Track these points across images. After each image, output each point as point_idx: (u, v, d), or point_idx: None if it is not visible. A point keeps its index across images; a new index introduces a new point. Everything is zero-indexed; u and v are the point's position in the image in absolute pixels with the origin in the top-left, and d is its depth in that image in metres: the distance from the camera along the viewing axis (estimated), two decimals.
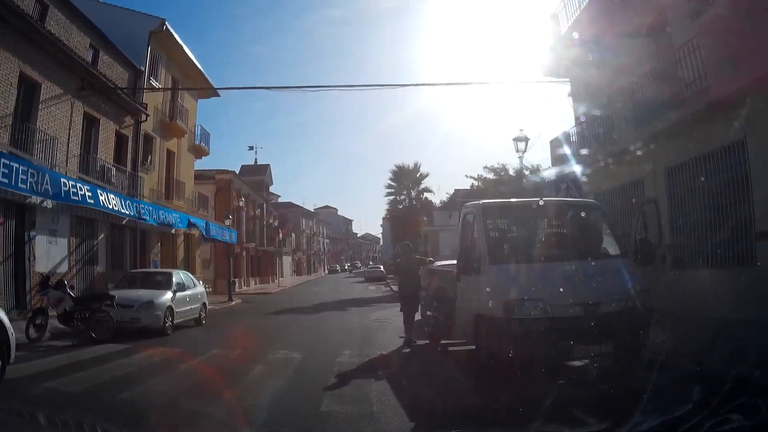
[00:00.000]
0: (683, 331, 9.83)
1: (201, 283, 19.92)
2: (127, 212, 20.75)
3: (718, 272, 12.11)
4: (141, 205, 21.58)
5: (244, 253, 50.21)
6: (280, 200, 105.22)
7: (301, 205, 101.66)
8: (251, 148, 64.17)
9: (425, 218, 43.25)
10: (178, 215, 25.67)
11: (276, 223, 64.50)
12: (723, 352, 7.69)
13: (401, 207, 43.42)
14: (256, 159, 62.85)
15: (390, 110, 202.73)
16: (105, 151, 22.63)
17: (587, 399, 6.58)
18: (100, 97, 22.12)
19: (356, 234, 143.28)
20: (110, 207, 19.06)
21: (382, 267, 61.47)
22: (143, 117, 25.31)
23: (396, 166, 44.33)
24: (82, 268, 20.60)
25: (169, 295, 15.56)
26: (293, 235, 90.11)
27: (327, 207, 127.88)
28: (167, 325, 15.01)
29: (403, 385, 8.40)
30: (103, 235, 22.00)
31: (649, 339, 8.09)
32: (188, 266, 34.18)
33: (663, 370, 6.57)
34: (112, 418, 6.26)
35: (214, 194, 44.31)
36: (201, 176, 43.19)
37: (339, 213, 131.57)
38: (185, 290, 16.83)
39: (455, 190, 45.18)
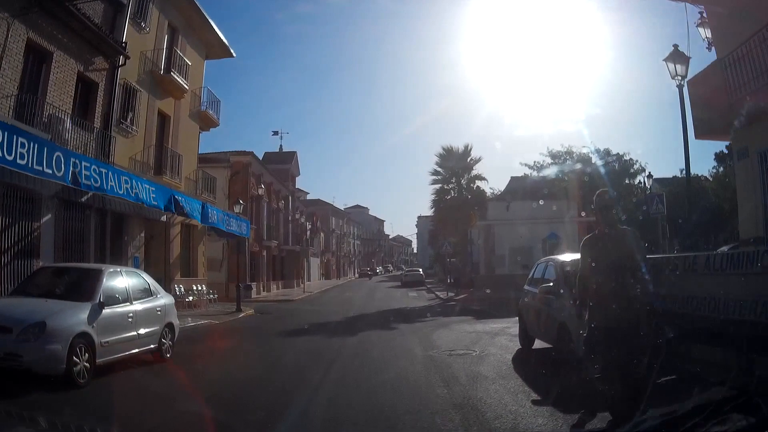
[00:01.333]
0: None
1: (163, 290, 12.04)
2: (50, 171, 12.17)
3: None
4: (80, 163, 13.16)
5: (265, 253, 43.54)
6: (308, 198, 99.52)
7: (331, 202, 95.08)
8: (276, 133, 57.66)
9: (477, 210, 36.02)
10: (151, 187, 17.01)
11: (303, 219, 57.65)
12: None
13: (449, 197, 36.22)
14: (281, 146, 56.51)
15: (426, 103, 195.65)
16: (59, 97, 15.94)
17: None
18: (57, 24, 15.57)
19: (388, 236, 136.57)
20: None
21: (420, 270, 54.28)
22: (121, 60, 18.59)
23: (443, 149, 37.32)
24: (9, 263, 13.84)
25: (84, 312, 8.44)
26: (322, 234, 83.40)
27: (358, 206, 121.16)
28: (78, 368, 7.96)
29: None
30: (49, 215, 15.24)
31: None
32: (188, 267, 27.61)
33: None
34: None
35: (228, 179, 37.69)
36: (213, 159, 37.15)
37: (370, 213, 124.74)
38: (129, 303, 9.70)
39: (512, 178, 38.13)
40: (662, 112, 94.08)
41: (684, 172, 46.74)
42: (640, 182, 39.31)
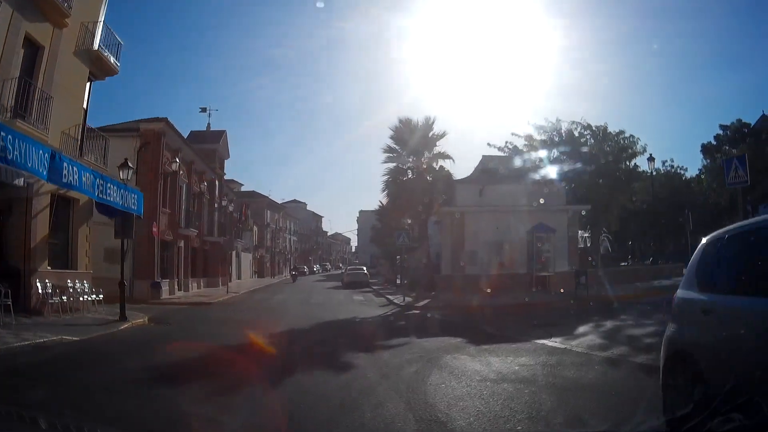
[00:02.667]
0: None
1: None
2: None
3: None
4: None
5: (182, 244, 35.96)
6: (242, 189, 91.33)
7: (267, 195, 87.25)
8: (204, 109, 49.54)
9: (443, 195, 29.52)
10: None
11: (231, 207, 49.97)
12: None
13: (405, 179, 29.40)
14: (209, 124, 48.56)
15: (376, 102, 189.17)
16: None
17: None
18: None
19: (326, 233, 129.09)
20: None
21: (365, 269, 47.39)
22: None
23: (400, 121, 30.06)
24: None
25: None
26: (255, 228, 75.63)
27: (295, 201, 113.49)
28: None
29: None
30: None
31: None
32: (64, 255, 20.19)
33: None
34: None
35: (137, 151, 30.46)
36: (121, 129, 30.03)
37: (308, 208, 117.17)
38: None
39: (484, 156, 31.56)
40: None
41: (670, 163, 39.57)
42: (637, 166, 33.70)
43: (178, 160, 32.43)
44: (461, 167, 56.12)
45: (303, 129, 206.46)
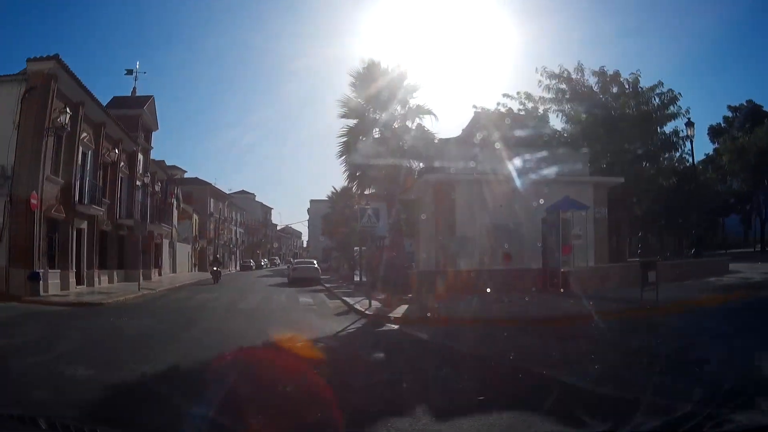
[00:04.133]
0: None
1: None
2: None
3: None
4: None
5: (83, 225, 27.72)
6: (185, 176, 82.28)
7: (212, 183, 78.51)
8: (129, 72, 40.82)
9: (418, 164, 22.21)
10: None
11: (158, 187, 41.48)
12: None
13: (371, 139, 21.68)
14: (135, 88, 40.00)
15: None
16: None
17: None
18: None
19: (276, 225, 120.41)
20: None
21: (315, 263, 39.53)
22: None
23: (362, 66, 22.25)
24: None
25: None
26: (196, 218, 67.04)
27: (243, 192, 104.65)
28: None
29: None
30: None
31: None
32: None
33: None
34: None
35: (21, 99, 22.93)
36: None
37: (257, 199, 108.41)
38: None
39: (476, 112, 24.12)
40: None
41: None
42: (678, 131, 26.30)
43: (68, 111, 24.11)
44: (445, 131, 47.36)
45: (254, 118, 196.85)
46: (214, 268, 37.97)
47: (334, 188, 57.13)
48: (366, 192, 23.33)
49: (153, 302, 22.07)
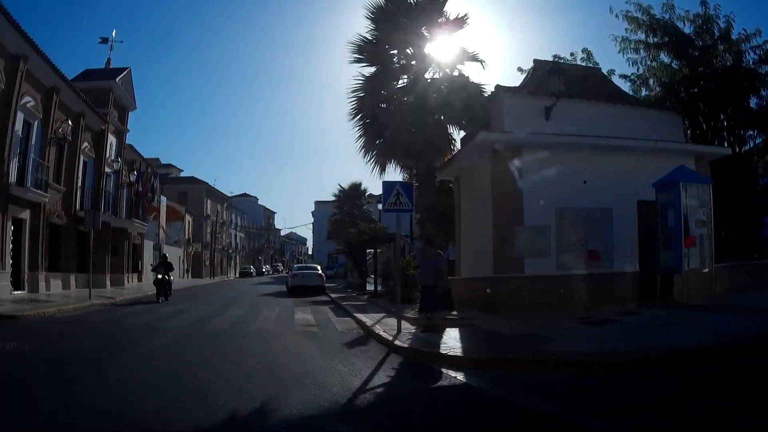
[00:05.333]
0: None
1: None
2: None
3: None
4: None
5: (24, 214, 21.40)
6: (181, 175, 76.07)
7: (210, 184, 72.23)
8: (104, 40, 34.39)
9: (458, 131, 15.80)
10: None
11: (133, 177, 34.94)
12: None
13: (399, 91, 15.32)
14: (109, 59, 33.58)
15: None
16: None
17: None
18: None
19: (279, 230, 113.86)
20: None
21: (319, 268, 32.95)
22: None
23: None
24: None
25: None
26: (189, 219, 60.73)
27: (246, 195, 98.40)
28: None
29: None
30: None
31: None
32: None
33: None
34: None
35: None
36: None
37: (259, 203, 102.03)
38: None
39: (536, 60, 17.22)
40: None
41: None
42: None
43: (2, 60, 17.84)
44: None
45: (259, 121, 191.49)
46: (159, 276, 22.36)
47: (341, 186, 50.81)
48: (388, 166, 16.81)
49: (87, 318, 15.55)
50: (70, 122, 24.53)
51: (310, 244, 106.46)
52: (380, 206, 39.75)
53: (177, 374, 7.59)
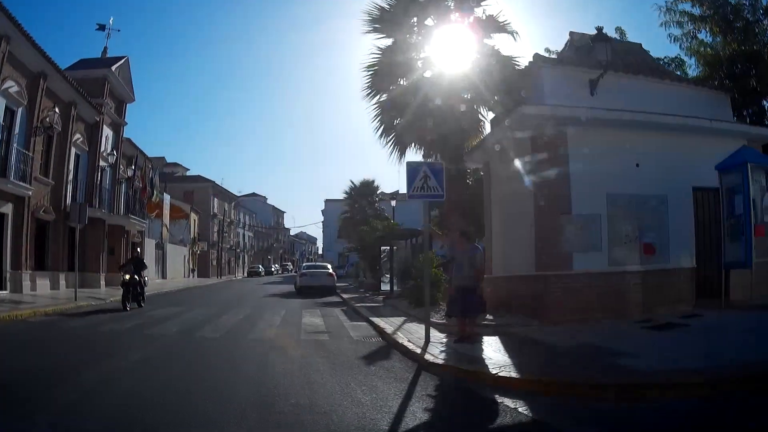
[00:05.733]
0: None
1: None
2: None
3: None
4: None
5: (6, 209, 19.62)
6: (188, 174, 74.19)
7: (218, 183, 70.31)
8: (101, 27, 32.40)
9: (485, 111, 13.75)
10: None
11: (130, 172, 32.93)
12: None
13: (421, 62, 13.21)
14: (105, 48, 31.65)
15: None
16: None
17: None
18: None
19: (289, 230, 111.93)
20: None
21: (329, 267, 30.81)
22: None
23: None
24: None
25: None
26: (195, 217, 58.85)
27: (254, 195, 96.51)
28: None
29: None
30: None
31: None
32: None
33: None
34: None
35: None
36: None
37: (268, 202, 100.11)
38: None
39: (572, 32, 15.30)
40: None
41: None
42: None
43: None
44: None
45: (268, 120, 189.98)
46: (127, 277, 17.47)
47: (353, 183, 48.65)
48: (409, 150, 14.67)
49: (62, 323, 13.44)
50: (57, 110, 22.49)
51: (320, 243, 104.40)
52: (393, 203, 37.81)
53: (133, 413, 5.50)
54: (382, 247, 25.82)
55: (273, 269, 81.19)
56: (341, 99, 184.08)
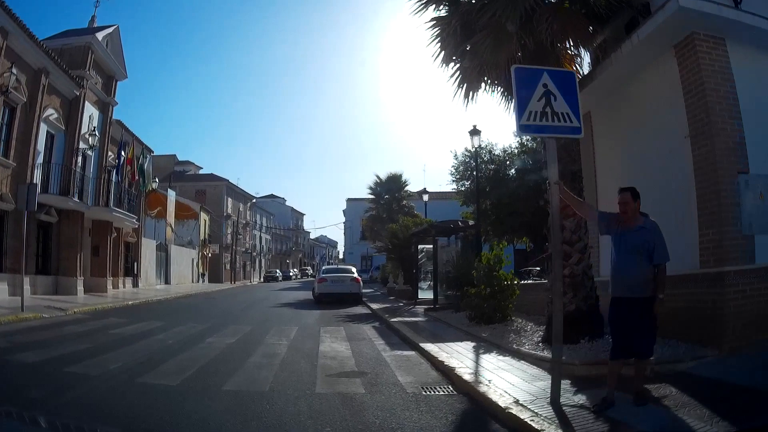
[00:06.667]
0: None
1: None
2: None
3: None
4: None
5: None
6: (200, 172, 70.09)
7: (235, 183, 66.13)
8: None
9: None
10: None
11: (113, 156, 28.23)
12: None
13: None
14: (94, 17, 27.36)
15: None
16: None
17: None
18: None
19: (309, 233, 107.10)
20: None
21: (354, 270, 25.81)
22: None
23: None
24: None
25: None
26: (205, 218, 54.63)
27: (272, 196, 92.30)
28: None
29: None
30: None
31: None
32: None
33: None
34: None
35: None
36: None
37: (287, 203, 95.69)
38: None
39: None
40: None
41: None
42: None
43: None
44: None
45: (288, 120, 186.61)
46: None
47: (378, 177, 43.88)
48: (481, 88, 9.89)
49: None
50: (17, 72, 18.11)
51: (341, 247, 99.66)
52: (425, 197, 33.05)
53: None
54: (420, 246, 21.03)
55: (291, 274, 76.68)
56: (366, 97, 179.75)
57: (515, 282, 11.60)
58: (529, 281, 16.33)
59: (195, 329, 12.35)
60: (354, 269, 25.57)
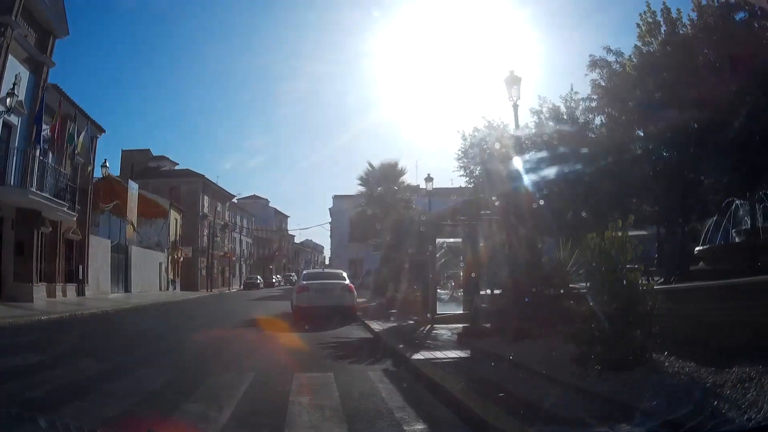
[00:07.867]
0: None
1: None
2: None
3: None
4: None
5: None
6: (175, 168, 64.23)
7: (213, 180, 60.51)
8: None
9: None
10: None
11: (47, 132, 22.45)
12: None
13: None
14: None
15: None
16: None
17: None
18: None
19: (293, 236, 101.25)
20: None
21: (345, 275, 20.01)
22: None
23: None
24: None
25: None
26: (177, 217, 49.01)
27: (255, 197, 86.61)
28: None
29: None
30: None
31: None
32: None
33: None
34: None
35: None
36: None
37: (270, 205, 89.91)
38: None
39: None
40: None
41: None
42: None
43: None
44: None
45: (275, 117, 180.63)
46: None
47: (371, 166, 37.90)
48: None
49: None
50: None
51: (327, 252, 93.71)
52: (430, 186, 27.90)
53: None
54: (440, 240, 15.17)
55: (274, 280, 71.04)
56: (363, 96, 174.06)
57: (655, 291, 6.20)
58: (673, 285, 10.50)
59: (78, 376, 6.88)
60: (345, 274, 19.95)
